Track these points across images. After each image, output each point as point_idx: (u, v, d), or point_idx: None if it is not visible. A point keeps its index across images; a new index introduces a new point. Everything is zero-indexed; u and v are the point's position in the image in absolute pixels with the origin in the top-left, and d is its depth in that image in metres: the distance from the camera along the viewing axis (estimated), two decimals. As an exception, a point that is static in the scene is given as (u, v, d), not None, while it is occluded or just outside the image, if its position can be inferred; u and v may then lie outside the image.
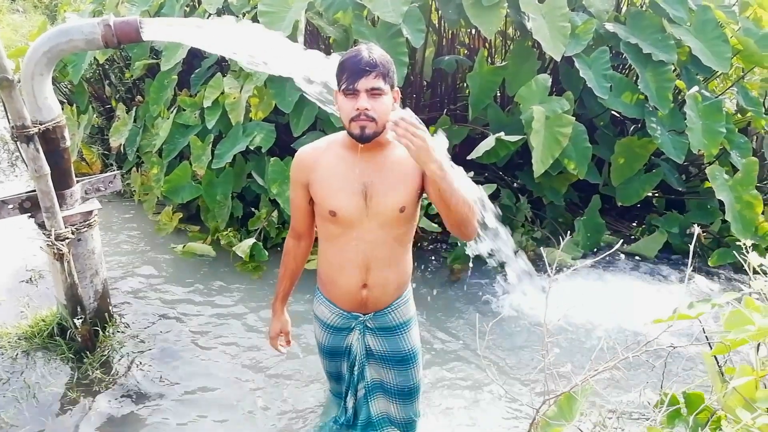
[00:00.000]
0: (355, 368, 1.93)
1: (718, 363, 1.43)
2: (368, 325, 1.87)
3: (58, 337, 2.69)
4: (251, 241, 3.51)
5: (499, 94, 4.10)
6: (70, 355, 2.64)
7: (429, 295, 3.36)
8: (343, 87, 1.62)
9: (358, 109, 1.59)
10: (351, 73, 1.59)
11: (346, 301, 1.84)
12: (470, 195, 1.67)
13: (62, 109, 2.56)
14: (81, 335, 2.63)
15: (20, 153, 2.58)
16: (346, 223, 1.72)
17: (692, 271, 3.62)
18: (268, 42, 2.31)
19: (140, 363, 2.71)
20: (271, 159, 3.54)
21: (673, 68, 3.65)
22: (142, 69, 4.39)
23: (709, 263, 3.62)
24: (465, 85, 4.14)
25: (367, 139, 1.63)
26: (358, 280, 1.78)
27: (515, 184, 4.02)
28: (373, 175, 1.69)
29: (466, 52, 4.40)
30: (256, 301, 3.23)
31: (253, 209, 3.79)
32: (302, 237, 1.93)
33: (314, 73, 2.15)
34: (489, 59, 4.17)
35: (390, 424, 2.02)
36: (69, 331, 2.67)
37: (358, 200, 1.70)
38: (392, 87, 1.65)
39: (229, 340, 2.93)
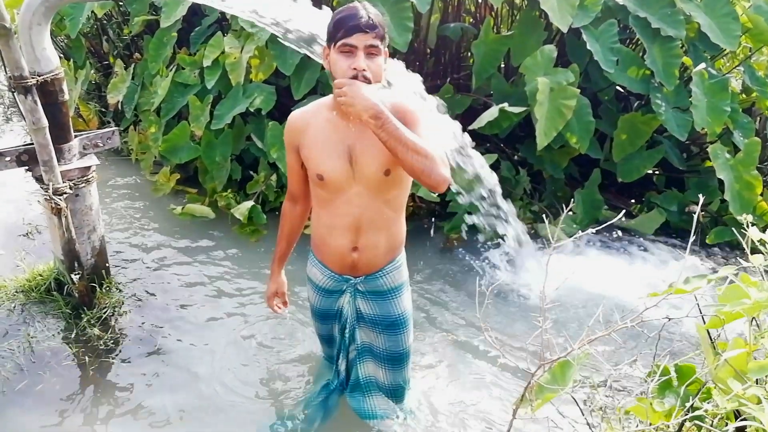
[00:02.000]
0: (346, 331, 1.95)
1: (710, 337, 1.45)
2: (359, 288, 1.88)
3: (55, 292, 2.71)
4: (250, 203, 3.49)
5: (503, 65, 4.04)
6: (67, 311, 2.65)
7: (423, 261, 3.37)
8: (339, 43, 1.57)
9: (355, 68, 1.55)
10: (350, 28, 1.55)
11: (337, 263, 1.85)
12: (430, 143, 1.59)
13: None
14: (78, 291, 2.64)
15: (18, 105, 2.55)
16: (334, 186, 1.73)
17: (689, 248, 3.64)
18: None
19: (137, 321, 2.73)
20: (270, 123, 3.50)
21: (680, 44, 3.60)
22: (141, 25, 4.31)
23: (707, 241, 3.63)
24: (469, 54, 4.07)
25: None
26: (349, 243, 1.79)
27: (516, 157, 4.00)
28: (358, 138, 1.68)
29: (471, 20, 4.33)
30: (253, 264, 3.24)
31: (251, 172, 3.76)
32: (298, 200, 1.94)
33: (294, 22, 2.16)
34: (495, 28, 4.10)
35: (378, 389, 2.03)
36: (66, 287, 2.68)
37: (343, 163, 1.69)
38: (384, 44, 1.63)
39: (225, 302, 2.95)
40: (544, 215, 3.01)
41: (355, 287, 1.88)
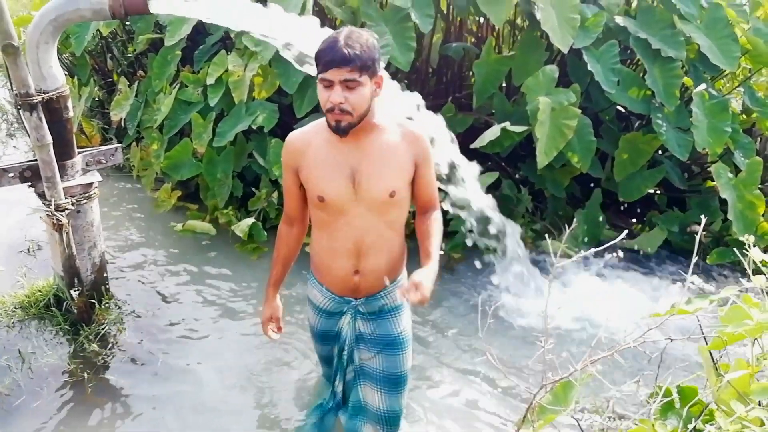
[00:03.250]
0: (344, 352, 1.92)
1: (713, 358, 1.44)
2: (360, 309, 1.85)
3: (54, 308, 2.69)
4: (251, 220, 3.50)
5: (505, 84, 4.07)
6: (66, 327, 2.64)
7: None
8: (319, 77, 1.57)
9: (331, 102, 1.55)
10: (325, 63, 1.54)
11: (339, 286, 1.82)
12: (436, 199, 1.82)
13: (64, 79, 2.53)
14: (77, 307, 2.63)
15: (23, 122, 2.57)
16: (335, 208, 1.70)
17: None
18: (269, 14, 2.33)
19: (136, 337, 2.72)
20: (273, 140, 3.52)
21: (681, 65, 3.63)
22: (146, 43, 4.35)
23: (708, 261, 3.62)
24: (471, 73, 4.10)
25: (343, 131, 1.60)
26: (350, 267, 1.77)
27: (517, 176, 4.01)
28: (362, 160, 1.67)
29: (473, 40, 4.37)
30: (254, 281, 3.23)
31: (253, 189, 3.77)
32: (295, 222, 1.90)
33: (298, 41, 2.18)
34: (496, 48, 4.14)
35: (374, 417, 1.92)
36: (65, 303, 2.67)
37: (346, 185, 1.68)
38: (373, 75, 1.59)
39: (225, 319, 2.93)
40: (546, 234, 3.00)
41: (356, 309, 1.86)
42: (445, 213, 3.39)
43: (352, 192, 1.68)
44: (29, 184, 2.47)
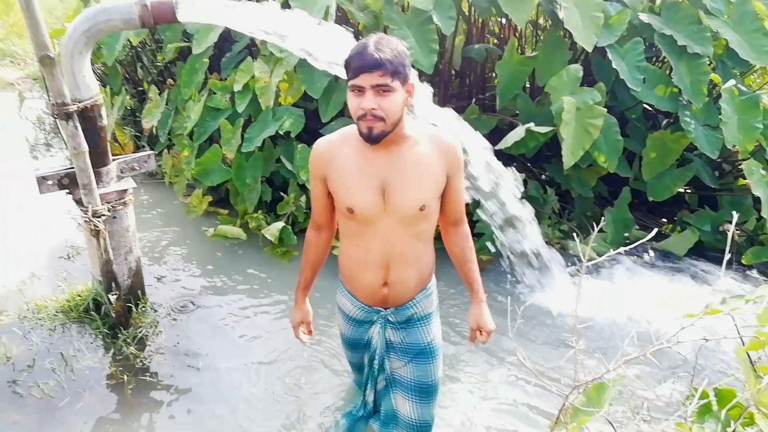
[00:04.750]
0: (375, 361, 1.91)
1: (750, 359, 1.42)
2: (390, 319, 1.84)
3: (93, 312, 2.78)
4: (280, 224, 3.55)
5: (528, 85, 4.06)
6: (105, 330, 2.72)
7: (452, 283, 3.36)
8: (349, 84, 1.54)
9: (363, 108, 1.52)
10: (355, 69, 1.51)
11: (368, 296, 1.81)
12: (464, 214, 1.84)
13: (98, 89, 2.60)
14: (115, 311, 2.71)
15: (59, 131, 2.64)
16: (365, 220, 1.68)
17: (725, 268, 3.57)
18: (292, 19, 2.37)
19: (172, 340, 2.78)
20: (299, 145, 3.57)
21: (708, 61, 3.58)
22: (174, 52, 4.44)
23: (743, 261, 3.56)
24: (494, 74, 4.11)
25: (375, 139, 1.56)
26: (379, 278, 1.75)
27: (543, 176, 3.99)
28: (392, 172, 1.63)
29: (495, 41, 4.38)
30: (285, 285, 3.28)
31: (281, 193, 3.83)
32: (323, 228, 1.88)
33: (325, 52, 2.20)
34: (519, 49, 4.13)
35: (406, 426, 1.90)
36: (103, 307, 2.75)
37: (376, 197, 1.64)
38: (404, 81, 1.55)
39: (257, 323, 2.99)
40: (574, 234, 2.98)
41: (385, 318, 1.85)
42: (470, 215, 3.41)
43: (382, 204, 1.65)
44: (67, 191, 2.55)
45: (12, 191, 4.09)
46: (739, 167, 3.61)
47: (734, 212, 1.67)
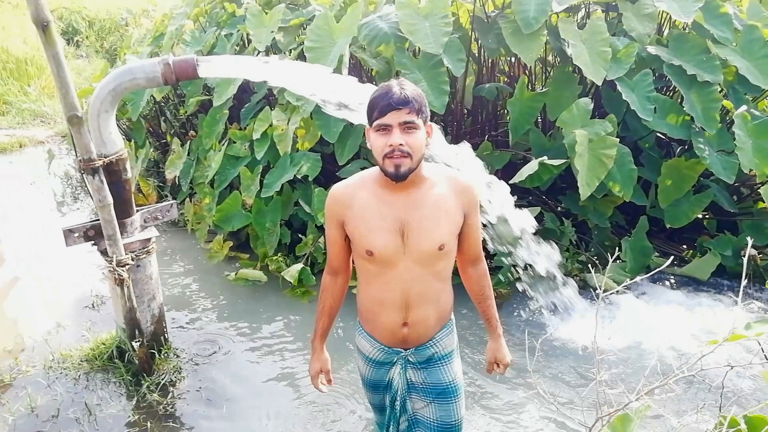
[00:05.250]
0: (397, 402, 1.88)
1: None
2: (410, 359, 1.83)
3: (117, 360, 2.82)
4: (299, 266, 3.60)
5: (540, 119, 4.12)
6: (128, 378, 2.76)
7: (469, 319, 3.35)
8: (375, 123, 1.57)
9: (391, 145, 1.54)
10: (383, 108, 1.54)
11: (388, 337, 1.81)
12: (481, 252, 1.85)
13: (123, 143, 2.72)
14: (138, 358, 2.75)
15: (86, 184, 2.75)
16: (384, 262, 1.68)
17: (748, 293, 3.50)
18: (306, 71, 2.47)
19: (195, 385, 2.80)
20: (317, 189, 3.65)
21: (719, 88, 3.60)
22: (196, 105, 4.63)
23: (767, 285, 3.49)
24: (506, 111, 4.17)
25: (402, 177, 1.57)
26: (399, 319, 1.75)
27: (559, 208, 3.99)
28: (410, 213, 1.65)
29: (506, 79, 4.46)
30: (306, 325, 3.30)
31: (300, 235, 3.89)
32: (339, 273, 1.87)
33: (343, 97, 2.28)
34: (530, 86, 4.20)
35: None
36: (127, 354, 2.80)
37: (395, 239, 1.65)
38: (425, 121, 1.60)
39: (279, 364, 3.00)
40: (590, 265, 2.96)
41: (405, 359, 1.83)
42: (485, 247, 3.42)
43: (401, 245, 1.66)
44: (93, 242, 2.63)
45: (40, 244, 4.23)
46: (758, 191, 3.57)
47: (749, 237, 1.67)
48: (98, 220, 2.55)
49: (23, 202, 5.14)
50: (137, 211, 2.75)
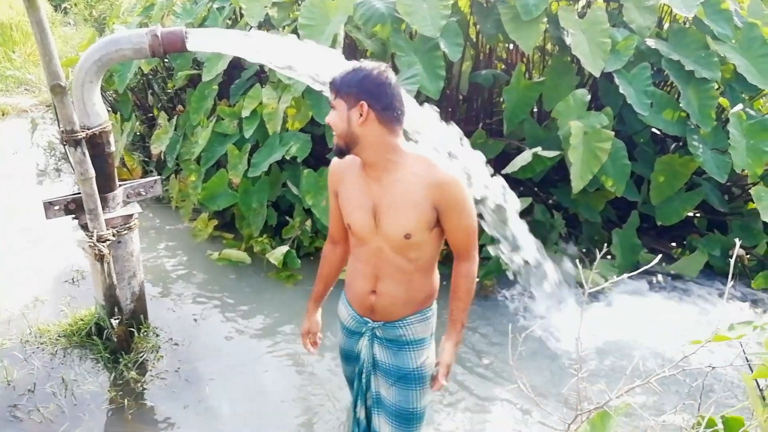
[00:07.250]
0: (363, 375, 1.92)
1: (759, 387, 1.38)
2: (377, 333, 1.86)
3: (95, 337, 2.77)
4: (285, 248, 3.55)
5: (536, 109, 4.07)
6: (106, 355, 2.71)
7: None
8: None
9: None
10: None
11: (358, 303, 1.87)
12: (471, 251, 1.81)
13: (107, 115, 2.64)
14: (117, 335, 2.70)
15: (68, 157, 2.68)
16: (360, 237, 1.79)
17: (734, 294, 3.51)
18: (300, 49, 2.39)
19: (174, 365, 2.76)
20: (306, 170, 3.58)
21: (716, 86, 3.57)
22: (184, 79, 4.52)
23: (753, 286, 3.50)
24: (501, 99, 4.12)
25: (337, 152, 1.72)
26: (368, 286, 1.82)
27: (550, 201, 3.97)
28: (382, 198, 1.72)
29: (503, 66, 4.39)
30: (288, 309, 3.26)
31: (287, 218, 3.83)
32: (338, 242, 1.97)
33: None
34: (527, 74, 4.15)
35: None
36: (106, 331, 2.75)
37: (368, 219, 1.74)
38: (353, 101, 1.61)
39: (260, 346, 2.96)
40: (577, 260, 2.94)
41: (372, 331, 1.87)
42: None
43: (374, 226, 1.74)
44: (73, 216, 2.57)
45: (20, 216, 4.13)
46: (749, 191, 3.56)
47: (738, 239, 1.65)
48: (80, 193, 2.48)
49: (4, 172, 5.02)
50: (120, 186, 2.68)
